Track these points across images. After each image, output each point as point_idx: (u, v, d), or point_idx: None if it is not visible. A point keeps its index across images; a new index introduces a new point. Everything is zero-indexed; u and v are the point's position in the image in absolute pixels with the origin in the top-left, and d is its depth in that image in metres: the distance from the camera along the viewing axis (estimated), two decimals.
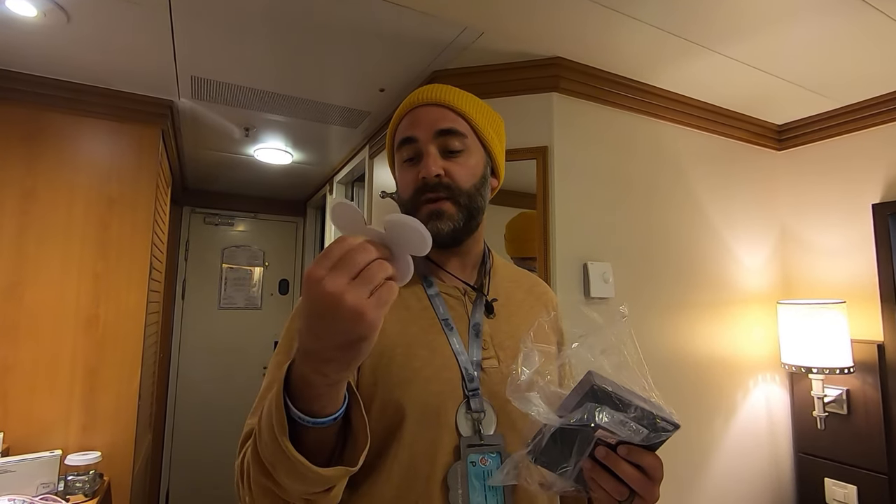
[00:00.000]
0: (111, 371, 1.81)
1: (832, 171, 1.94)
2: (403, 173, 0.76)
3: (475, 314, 0.75)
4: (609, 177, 1.66)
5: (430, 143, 0.73)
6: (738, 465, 1.83)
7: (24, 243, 1.72)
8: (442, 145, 0.73)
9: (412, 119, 0.75)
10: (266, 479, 0.53)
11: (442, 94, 0.75)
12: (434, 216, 0.71)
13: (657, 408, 0.55)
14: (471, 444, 0.66)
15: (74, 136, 1.82)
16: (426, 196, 0.72)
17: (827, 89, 1.75)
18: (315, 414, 0.50)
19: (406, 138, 0.74)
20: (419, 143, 0.73)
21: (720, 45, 1.47)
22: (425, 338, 0.71)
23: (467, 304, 0.76)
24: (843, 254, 1.87)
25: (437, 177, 0.71)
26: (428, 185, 0.71)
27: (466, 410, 0.68)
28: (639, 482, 0.56)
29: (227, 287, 3.65)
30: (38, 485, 1.49)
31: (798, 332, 1.78)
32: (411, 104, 0.77)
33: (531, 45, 1.50)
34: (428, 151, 0.72)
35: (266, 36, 1.51)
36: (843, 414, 1.78)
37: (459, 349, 0.71)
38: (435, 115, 0.74)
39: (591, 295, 1.53)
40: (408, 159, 0.75)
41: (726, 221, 1.92)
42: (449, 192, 0.72)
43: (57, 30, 1.47)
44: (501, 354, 0.74)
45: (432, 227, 0.70)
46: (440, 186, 0.71)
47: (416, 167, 0.73)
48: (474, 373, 0.70)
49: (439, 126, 0.73)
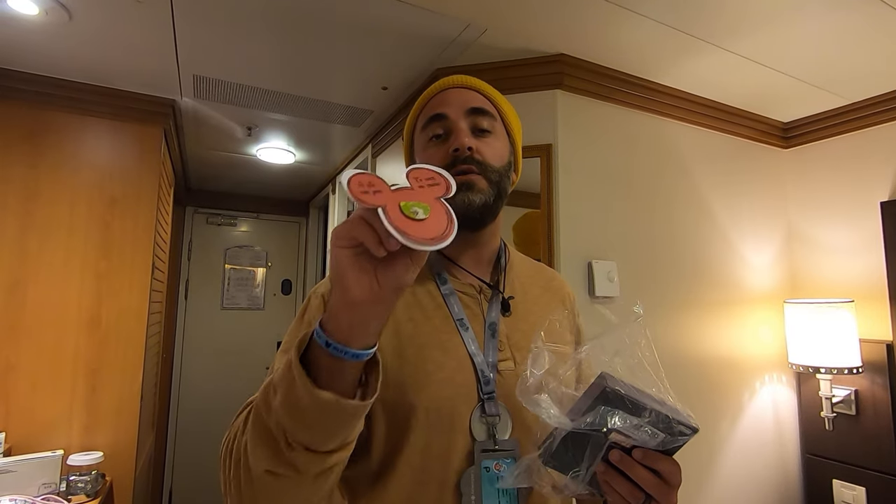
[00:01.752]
0: (113, 371, 1.80)
1: (840, 169, 1.92)
2: (430, 151, 0.74)
3: (491, 312, 0.72)
4: (613, 174, 1.65)
5: (460, 119, 0.72)
6: (745, 466, 1.80)
7: (26, 242, 1.72)
8: (472, 123, 0.73)
9: (442, 98, 0.75)
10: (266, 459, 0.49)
11: (471, 80, 0.77)
12: (465, 187, 0.69)
13: (673, 411, 0.53)
14: (485, 448, 0.64)
15: (77, 135, 1.82)
16: (457, 168, 0.70)
17: (835, 86, 1.73)
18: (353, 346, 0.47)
19: (436, 115, 0.73)
20: (449, 120, 0.72)
21: (726, 41, 1.46)
22: (438, 338, 0.68)
23: (482, 302, 0.73)
24: (851, 252, 1.85)
25: (469, 150, 0.70)
26: (458, 158, 0.70)
27: (481, 414, 0.65)
28: (655, 487, 0.54)
29: (230, 287, 3.64)
30: (40, 485, 1.48)
31: (805, 332, 1.76)
32: (441, 86, 0.77)
33: (535, 41, 1.48)
34: (459, 127, 0.72)
35: (268, 34, 1.50)
36: (852, 414, 1.75)
37: (475, 350, 0.68)
38: (466, 95, 0.74)
39: (595, 294, 1.51)
40: (435, 136, 0.73)
41: (732, 220, 1.90)
42: (480, 167, 0.71)
43: (59, 28, 1.47)
44: (518, 356, 0.71)
45: (462, 200, 0.68)
46: (471, 160, 0.70)
47: (445, 144, 0.72)
48: (490, 375, 0.67)
49: (471, 104, 0.73)
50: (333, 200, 3.09)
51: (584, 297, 1.52)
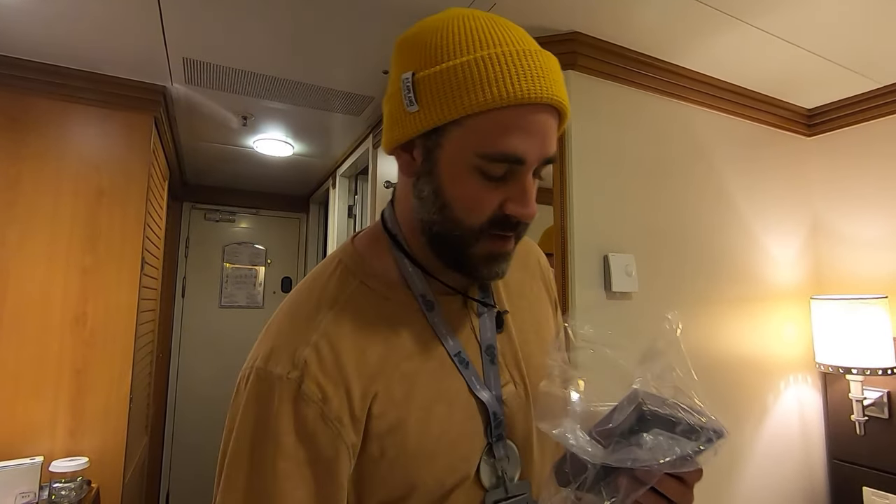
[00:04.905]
0: (100, 372, 1.70)
1: (868, 157, 1.81)
2: (475, 188, 0.52)
3: (485, 332, 0.60)
4: (630, 161, 1.54)
5: (531, 172, 0.52)
6: (769, 472, 1.70)
7: (6, 235, 1.62)
8: (535, 170, 0.53)
9: (525, 127, 0.50)
10: None
11: (559, 87, 0.51)
12: (500, 258, 0.55)
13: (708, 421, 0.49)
14: (497, 500, 0.55)
15: (61, 122, 1.72)
16: (503, 233, 0.53)
17: (866, 67, 1.62)
18: None
19: (513, 158, 0.50)
20: (524, 168, 0.51)
21: (748, 15, 1.34)
22: (437, 387, 0.55)
23: (471, 317, 0.61)
24: (882, 245, 1.74)
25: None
26: (510, 223, 0.53)
27: (488, 457, 0.55)
28: (679, 492, 0.50)
29: (229, 285, 3.56)
30: (17, 494, 1.39)
31: (834, 330, 1.65)
32: (523, 94, 0.48)
33: (546, 18, 1.38)
34: (528, 185, 0.52)
35: (261, 12, 1.40)
36: (884, 418, 1.65)
37: (479, 387, 0.56)
38: (549, 130, 0.52)
39: (612, 289, 1.41)
40: (493, 177, 0.51)
41: (754, 211, 1.79)
42: (522, 228, 0.56)
43: (36, 7, 1.37)
44: (516, 374, 0.61)
45: (493, 271, 0.55)
46: (521, 225, 0.54)
47: (501, 189, 0.52)
48: (499, 411, 0.56)
49: (548, 153, 0.52)
50: (334, 195, 2.99)
51: (600, 294, 1.42)
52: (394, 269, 0.59)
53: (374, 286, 0.57)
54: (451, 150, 0.51)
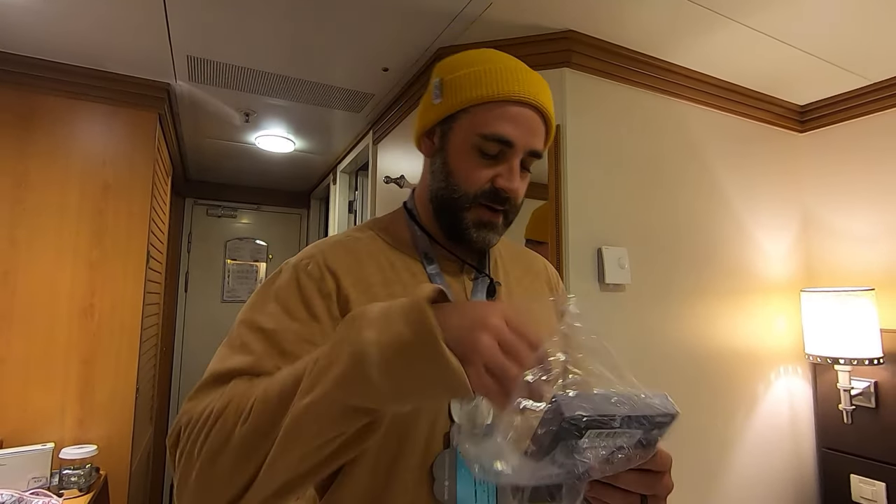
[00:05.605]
0: (107, 363, 1.75)
1: (858, 153, 1.84)
2: (474, 163, 0.67)
3: (476, 296, 0.70)
4: (624, 157, 1.58)
5: (518, 157, 0.67)
6: (759, 460, 1.74)
7: (16, 230, 1.67)
8: (523, 160, 0.69)
9: (513, 117, 0.66)
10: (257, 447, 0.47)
11: (544, 97, 0.69)
12: (488, 226, 0.68)
13: (646, 406, 0.45)
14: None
15: (68, 119, 1.76)
16: (490, 204, 0.67)
17: (855, 65, 1.65)
18: None
19: (503, 139, 0.65)
20: (511, 152, 0.66)
21: (740, 14, 1.38)
22: None
23: (466, 283, 0.71)
24: (870, 239, 1.78)
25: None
26: (499, 196, 0.66)
27: (462, 398, 0.61)
28: (645, 484, 0.50)
29: (231, 280, 3.60)
30: (30, 479, 1.44)
31: (823, 322, 1.69)
32: (513, 92, 0.66)
33: (542, 16, 1.41)
34: (515, 166, 0.67)
35: (263, 10, 1.43)
36: (871, 407, 1.69)
37: None
38: (534, 125, 0.68)
39: (605, 281, 1.45)
40: (488, 155, 0.66)
41: (747, 206, 1.83)
42: (510, 207, 0.69)
43: (42, 5, 1.41)
44: None
45: (482, 237, 0.68)
46: (507, 201, 0.68)
47: (494, 167, 0.66)
48: None
49: (533, 146, 0.67)
50: (334, 191, 3.03)
51: (593, 286, 1.46)
52: (406, 233, 0.72)
53: (386, 238, 0.71)
54: (460, 132, 0.67)
